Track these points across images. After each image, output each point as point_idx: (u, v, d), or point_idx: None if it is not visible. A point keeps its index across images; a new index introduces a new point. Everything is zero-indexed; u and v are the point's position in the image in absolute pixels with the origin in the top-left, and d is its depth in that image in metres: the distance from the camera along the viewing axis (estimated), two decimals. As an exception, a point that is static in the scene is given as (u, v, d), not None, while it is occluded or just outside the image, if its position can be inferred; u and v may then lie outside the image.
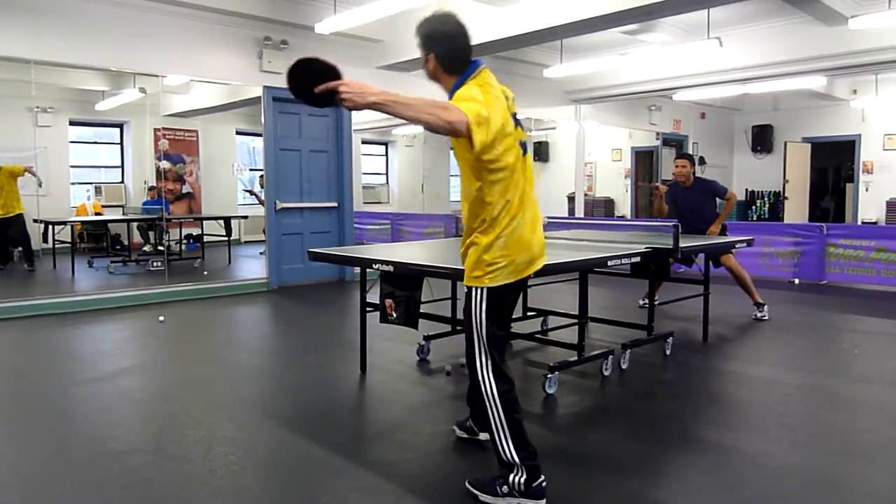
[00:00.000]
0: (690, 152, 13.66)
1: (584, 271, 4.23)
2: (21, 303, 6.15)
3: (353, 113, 8.26)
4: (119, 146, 10.06)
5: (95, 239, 9.83)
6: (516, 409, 2.43)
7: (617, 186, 14.00)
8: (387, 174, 13.31)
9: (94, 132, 10.02)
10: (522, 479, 2.40)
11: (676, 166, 6.07)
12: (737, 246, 5.32)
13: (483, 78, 2.43)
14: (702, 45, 7.33)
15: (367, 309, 4.16)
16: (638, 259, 4.08)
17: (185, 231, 10.02)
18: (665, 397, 3.89)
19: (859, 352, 4.91)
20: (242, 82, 7.46)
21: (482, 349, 2.42)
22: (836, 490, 2.64)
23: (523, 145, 2.42)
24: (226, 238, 9.71)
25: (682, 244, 4.37)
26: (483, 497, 2.48)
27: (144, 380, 4.22)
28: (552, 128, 12.48)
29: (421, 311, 3.66)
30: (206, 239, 9.88)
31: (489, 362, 2.42)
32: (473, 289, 2.41)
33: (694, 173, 6.13)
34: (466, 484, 2.56)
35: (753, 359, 4.61)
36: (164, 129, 9.67)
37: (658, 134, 13.03)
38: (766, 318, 5.82)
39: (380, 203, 12.82)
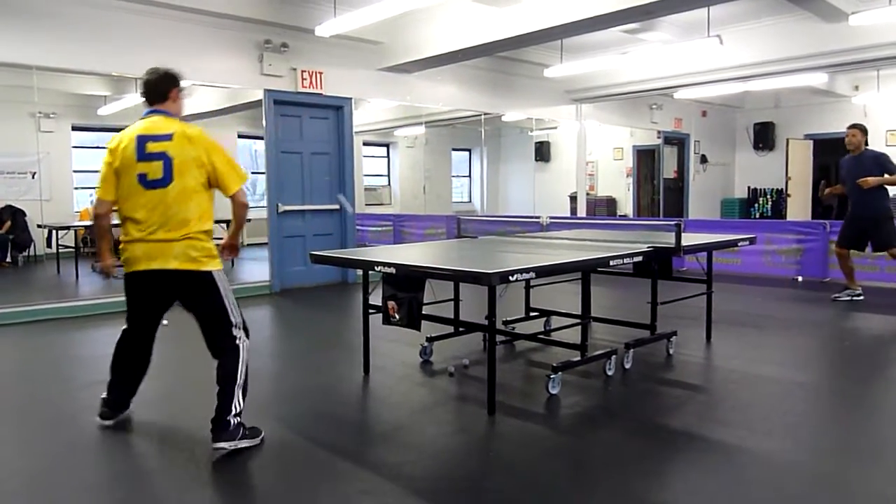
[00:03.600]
0: (693, 151, 13.68)
1: (586, 271, 4.22)
2: (25, 308, 6.16)
3: (354, 114, 8.30)
4: (121, 150, 10.07)
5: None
6: None
7: (619, 186, 13.99)
8: (388, 175, 13.31)
9: (96, 137, 10.03)
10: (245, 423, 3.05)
11: (847, 135, 6.39)
12: (739, 244, 5.30)
13: (132, 128, 3.09)
14: (702, 44, 7.32)
15: (370, 311, 4.16)
16: (640, 258, 4.08)
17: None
18: (668, 397, 3.89)
19: (863, 350, 4.90)
20: (243, 86, 7.47)
21: (240, 316, 3.13)
22: (841, 490, 2.63)
23: (142, 176, 2.99)
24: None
25: (684, 242, 4.36)
26: (235, 444, 2.95)
27: (148, 382, 4.21)
28: (553, 127, 12.48)
29: (423, 312, 3.67)
30: (208, 242, 9.88)
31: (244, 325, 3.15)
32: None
33: (866, 143, 6.37)
34: (217, 445, 2.93)
35: (757, 357, 4.60)
36: (166, 133, 9.68)
37: (659, 132, 13.02)
38: None
39: (382, 204, 12.83)
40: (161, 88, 3.18)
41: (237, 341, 3.09)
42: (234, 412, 2.98)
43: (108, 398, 3.33)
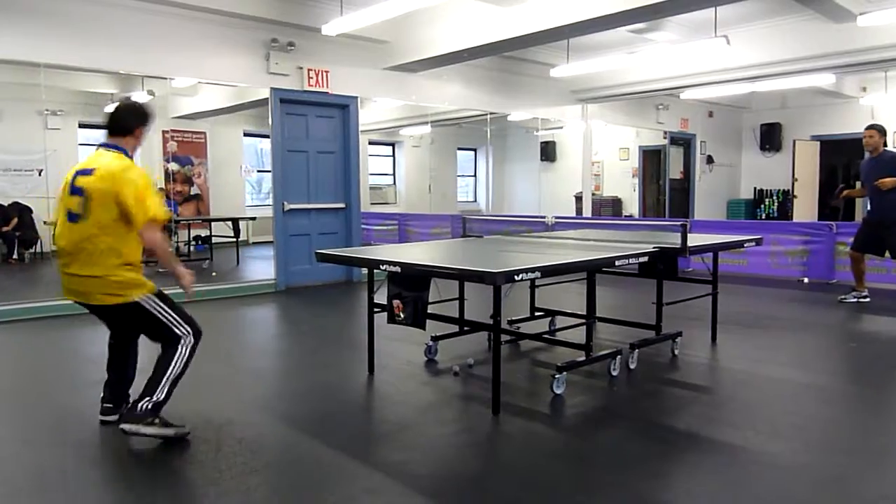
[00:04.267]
0: (700, 151, 13.64)
1: (591, 271, 4.22)
2: (31, 304, 6.19)
3: (360, 113, 8.31)
4: (128, 148, 10.11)
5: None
6: None
7: (624, 186, 13.96)
8: (394, 175, 13.32)
9: (103, 135, 10.07)
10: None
11: (864, 136, 6.33)
12: (745, 245, 5.29)
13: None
14: (709, 44, 7.30)
15: (375, 310, 4.16)
16: (646, 259, 4.07)
17: (193, 232, 10.07)
18: (673, 397, 3.88)
19: (870, 351, 4.88)
20: (250, 84, 7.48)
21: (185, 326, 3.18)
22: (848, 492, 2.62)
23: (68, 210, 3.07)
24: (234, 239, 9.75)
25: (690, 243, 4.35)
26: (136, 428, 2.98)
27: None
28: (559, 127, 12.47)
29: (428, 311, 3.67)
30: (214, 240, 9.92)
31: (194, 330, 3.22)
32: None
33: (885, 144, 6.31)
34: (121, 426, 3.01)
35: (762, 358, 4.58)
36: (173, 131, 9.73)
37: (666, 133, 12.99)
38: None
39: (387, 203, 12.84)
40: (129, 123, 3.20)
41: (181, 341, 3.15)
42: (151, 399, 3.02)
43: (105, 395, 3.38)
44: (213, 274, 8.61)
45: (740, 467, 2.81)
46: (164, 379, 3.07)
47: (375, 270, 3.93)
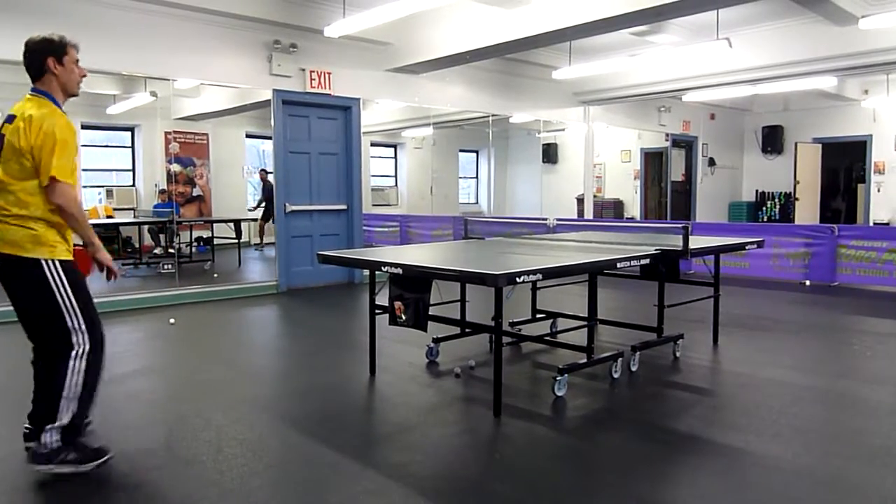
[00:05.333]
0: (701, 153, 13.64)
1: (593, 273, 4.22)
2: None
3: (362, 115, 8.32)
4: (130, 149, 10.14)
5: (107, 242, 9.84)
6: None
7: (626, 188, 13.96)
8: (396, 176, 13.32)
9: (105, 136, 10.09)
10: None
11: None
12: (746, 247, 5.28)
13: None
14: (711, 46, 7.31)
15: (377, 311, 4.17)
16: (647, 261, 4.07)
17: (195, 234, 10.08)
18: (675, 400, 3.88)
19: (871, 353, 4.87)
20: (252, 86, 7.50)
21: (82, 322, 2.73)
22: (849, 493, 2.62)
23: None
24: (236, 241, 9.76)
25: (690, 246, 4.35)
26: (50, 468, 2.71)
27: (155, 382, 4.25)
28: (561, 129, 12.47)
29: (430, 313, 3.67)
30: (216, 241, 9.93)
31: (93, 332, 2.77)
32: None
33: None
34: (34, 466, 2.71)
35: (764, 361, 4.58)
36: (175, 132, 9.73)
37: (667, 135, 12.99)
38: None
39: (389, 205, 12.85)
40: (35, 62, 2.88)
41: (73, 349, 2.71)
42: (55, 425, 2.68)
43: (30, 413, 2.89)
44: (215, 275, 8.62)
45: (742, 470, 2.81)
46: (63, 399, 2.67)
47: (377, 272, 3.93)
